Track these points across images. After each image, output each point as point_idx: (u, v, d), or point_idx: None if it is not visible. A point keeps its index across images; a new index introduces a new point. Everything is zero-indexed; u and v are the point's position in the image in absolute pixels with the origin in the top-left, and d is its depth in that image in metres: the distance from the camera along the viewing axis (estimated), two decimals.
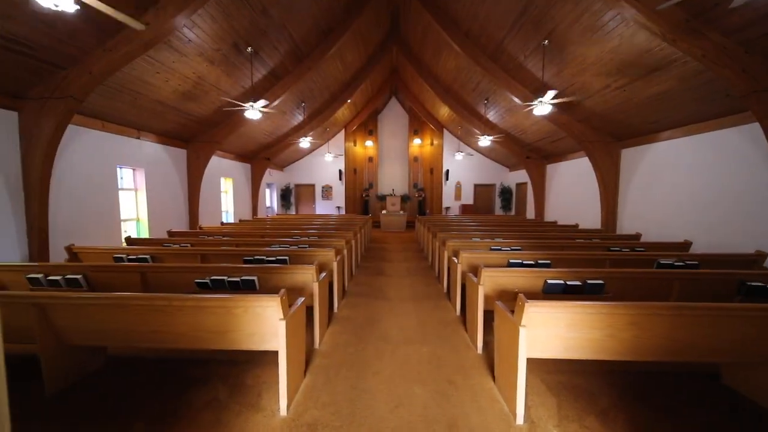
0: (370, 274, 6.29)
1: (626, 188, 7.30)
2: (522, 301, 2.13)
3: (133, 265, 3.41)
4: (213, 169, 9.14)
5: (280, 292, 2.25)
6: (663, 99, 5.46)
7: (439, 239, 6.00)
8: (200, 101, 6.68)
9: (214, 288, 3.28)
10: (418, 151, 15.97)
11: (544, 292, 3.15)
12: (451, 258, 4.62)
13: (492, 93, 8.74)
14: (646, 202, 6.64)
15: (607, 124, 7.07)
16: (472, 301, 3.38)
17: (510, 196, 13.64)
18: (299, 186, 14.87)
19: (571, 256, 4.22)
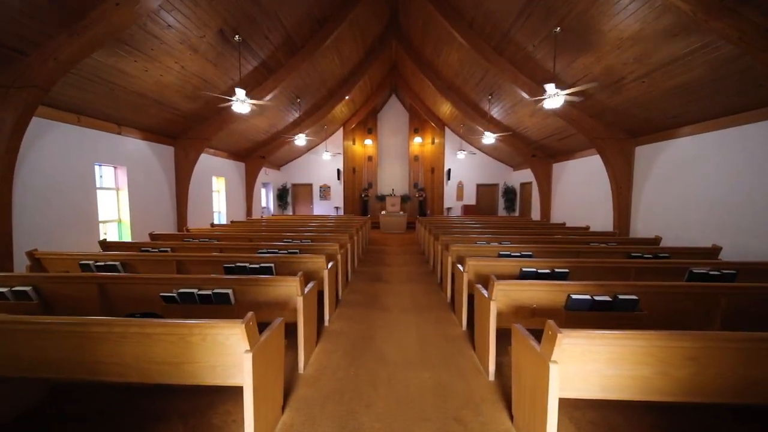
0: (367, 280, 5.84)
1: (641, 188, 6.83)
2: (553, 331, 1.66)
3: (89, 276, 2.95)
4: (204, 168, 8.69)
5: (246, 318, 1.79)
6: (686, 91, 4.98)
7: (442, 243, 5.54)
8: (186, 94, 6.22)
9: (183, 302, 2.81)
10: (419, 150, 15.51)
11: (567, 308, 2.68)
12: (456, 265, 4.16)
13: (497, 88, 8.27)
14: (663, 203, 6.17)
15: (621, 120, 6.60)
16: (481, 317, 2.91)
17: (514, 197, 13.17)
18: (296, 186, 14.40)
19: (590, 264, 3.76)
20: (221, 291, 2.79)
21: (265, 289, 2.84)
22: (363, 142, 15.37)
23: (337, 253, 4.68)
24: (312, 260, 3.82)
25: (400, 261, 7.54)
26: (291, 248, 4.77)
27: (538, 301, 2.72)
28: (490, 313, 2.65)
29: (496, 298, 2.68)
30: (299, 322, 2.74)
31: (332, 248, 4.74)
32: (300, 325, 2.73)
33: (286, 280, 2.78)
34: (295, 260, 3.89)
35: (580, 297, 2.66)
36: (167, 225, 7.47)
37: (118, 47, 4.48)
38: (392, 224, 12.61)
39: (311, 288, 3.06)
